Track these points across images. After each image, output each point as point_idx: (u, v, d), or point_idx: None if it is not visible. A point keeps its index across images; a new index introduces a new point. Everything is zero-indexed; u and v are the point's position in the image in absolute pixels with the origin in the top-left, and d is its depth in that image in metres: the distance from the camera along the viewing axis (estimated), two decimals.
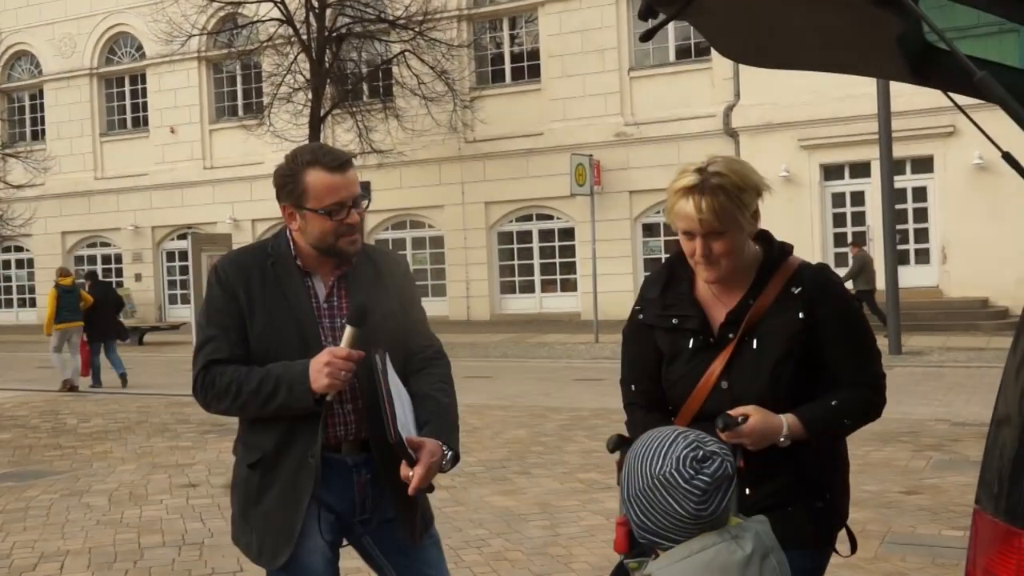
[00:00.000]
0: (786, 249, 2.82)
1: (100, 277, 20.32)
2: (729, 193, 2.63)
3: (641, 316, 2.87)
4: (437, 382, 3.22)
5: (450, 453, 3.02)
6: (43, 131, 33.83)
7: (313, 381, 2.92)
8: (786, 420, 2.64)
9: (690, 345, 2.78)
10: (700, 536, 2.13)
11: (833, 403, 2.70)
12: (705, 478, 2.12)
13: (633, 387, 2.93)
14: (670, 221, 2.76)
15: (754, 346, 2.71)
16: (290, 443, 3.04)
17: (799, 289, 2.72)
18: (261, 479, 3.08)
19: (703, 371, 2.74)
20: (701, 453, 2.14)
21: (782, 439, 2.62)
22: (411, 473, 2.91)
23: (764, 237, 2.83)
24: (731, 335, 2.73)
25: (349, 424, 3.09)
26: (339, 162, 3.05)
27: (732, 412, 2.59)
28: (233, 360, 3.04)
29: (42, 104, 33.91)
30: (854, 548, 2.94)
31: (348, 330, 2.96)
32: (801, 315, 2.70)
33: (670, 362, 2.82)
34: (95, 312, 16.68)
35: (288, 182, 3.06)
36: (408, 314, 3.24)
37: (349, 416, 3.09)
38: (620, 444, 2.82)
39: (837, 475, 2.83)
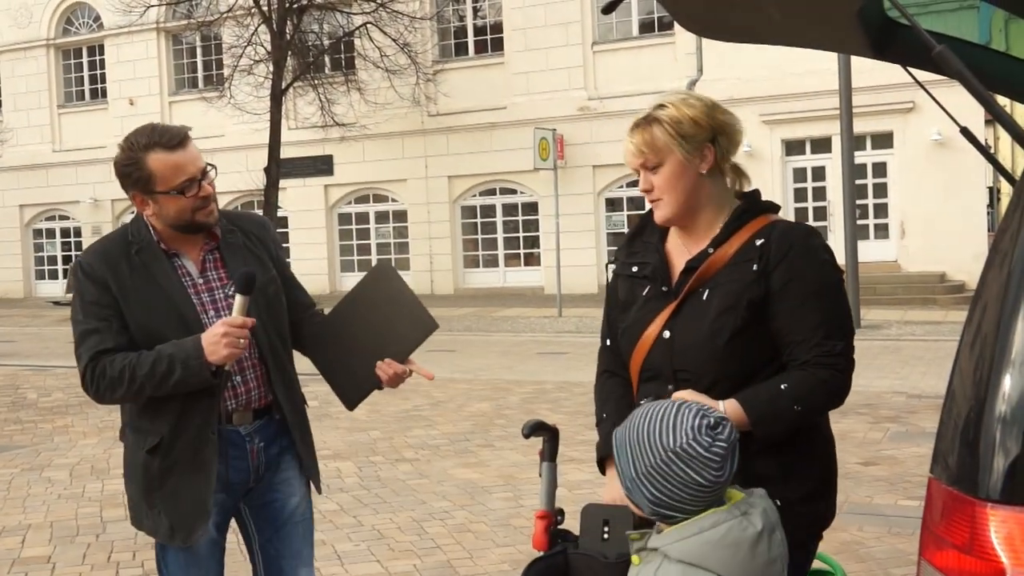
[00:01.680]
0: (767, 206, 2.65)
1: None
2: (665, 124, 2.54)
3: (612, 267, 2.82)
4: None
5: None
6: None
7: (210, 354, 2.92)
8: (724, 405, 2.43)
9: (644, 293, 2.66)
10: (710, 512, 2.14)
11: (782, 386, 2.46)
12: (722, 444, 2.13)
13: (607, 342, 2.81)
14: None
15: (704, 297, 2.54)
16: (187, 422, 3.04)
17: (762, 241, 2.53)
18: (162, 462, 3.06)
19: (651, 319, 2.61)
20: (711, 420, 2.14)
21: None
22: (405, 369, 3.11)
23: (751, 195, 2.69)
24: (686, 284, 2.58)
25: (240, 396, 3.12)
26: (178, 139, 3.03)
27: (672, 399, 2.41)
28: (118, 349, 3.00)
29: None
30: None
31: (238, 299, 2.98)
32: (755, 267, 2.50)
33: (624, 310, 2.71)
34: None
35: (131, 170, 3.02)
36: (283, 272, 3.29)
37: (239, 388, 3.11)
38: (536, 430, 2.78)
39: (800, 470, 2.52)
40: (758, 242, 2.53)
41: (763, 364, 2.52)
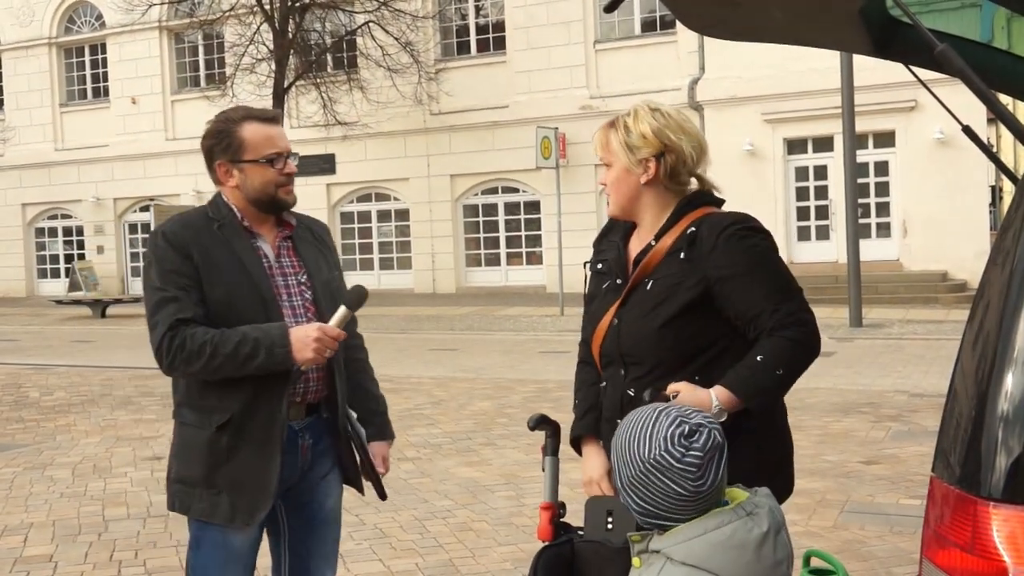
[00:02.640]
0: (709, 200, 2.81)
1: None
2: (620, 131, 2.77)
3: (587, 265, 3.02)
4: (371, 370, 3.47)
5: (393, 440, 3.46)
6: (1, 101, 33.25)
7: (297, 351, 2.92)
8: (714, 393, 2.56)
9: (605, 286, 2.89)
10: (714, 513, 2.09)
11: (758, 358, 2.59)
12: (697, 452, 2.07)
13: (583, 335, 3.01)
14: None
15: (648, 287, 2.73)
16: (258, 403, 3.02)
17: (692, 230, 2.70)
18: (231, 439, 3.02)
19: (606, 310, 2.83)
20: (687, 428, 2.09)
21: (714, 410, 2.53)
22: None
23: (699, 191, 2.84)
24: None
25: (299, 384, 3.11)
26: (271, 115, 3.16)
27: (667, 390, 2.57)
28: (196, 320, 2.97)
29: (0, 74, 33.35)
30: None
31: (342, 310, 3.01)
32: (683, 255, 2.68)
33: (590, 303, 2.95)
34: None
35: (223, 138, 3.08)
36: (342, 278, 3.37)
37: (300, 377, 3.11)
38: (541, 423, 2.89)
39: (760, 464, 2.60)
40: (688, 231, 2.71)
41: (702, 349, 2.69)
